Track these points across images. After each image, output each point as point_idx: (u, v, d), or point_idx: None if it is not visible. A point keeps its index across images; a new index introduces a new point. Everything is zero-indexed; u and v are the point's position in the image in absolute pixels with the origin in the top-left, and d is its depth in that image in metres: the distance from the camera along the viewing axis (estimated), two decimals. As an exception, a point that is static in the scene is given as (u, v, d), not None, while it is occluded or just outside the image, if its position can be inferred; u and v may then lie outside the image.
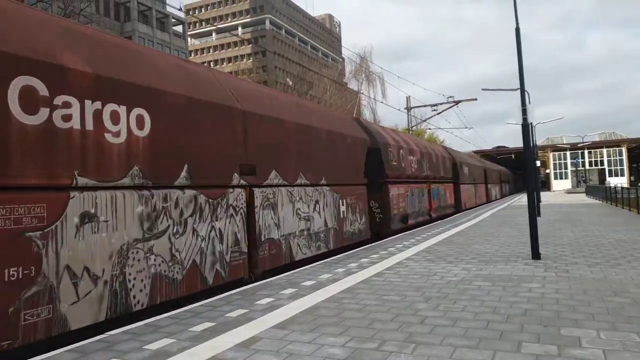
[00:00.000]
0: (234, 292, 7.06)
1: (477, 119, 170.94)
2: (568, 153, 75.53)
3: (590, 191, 42.94)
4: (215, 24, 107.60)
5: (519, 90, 10.22)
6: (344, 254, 10.67)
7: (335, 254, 10.74)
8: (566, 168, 76.64)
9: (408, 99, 40.07)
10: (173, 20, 70.55)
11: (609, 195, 29.14)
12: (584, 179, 71.79)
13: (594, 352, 4.00)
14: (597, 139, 76.30)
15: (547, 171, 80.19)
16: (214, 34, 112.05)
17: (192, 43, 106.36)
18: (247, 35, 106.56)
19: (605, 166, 74.09)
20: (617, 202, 25.61)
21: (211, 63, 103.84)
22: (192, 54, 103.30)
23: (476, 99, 38.34)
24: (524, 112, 9.72)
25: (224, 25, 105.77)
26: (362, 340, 4.57)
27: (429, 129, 60.09)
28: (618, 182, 55.10)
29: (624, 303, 5.57)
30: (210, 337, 4.86)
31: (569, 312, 5.25)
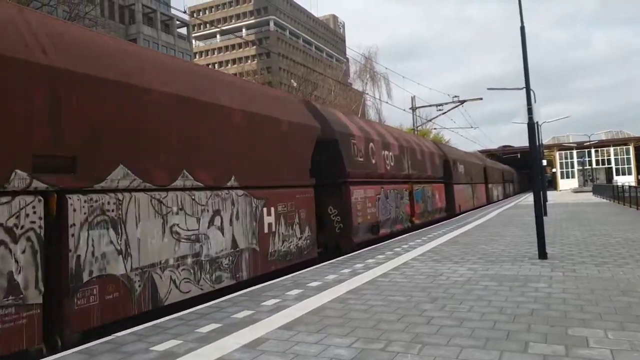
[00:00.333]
0: (239, 293, 7.07)
1: (482, 118, 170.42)
2: (575, 152, 75.15)
3: (598, 190, 42.72)
4: (220, 25, 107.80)
5: (524, 90, 10.19)
6: (348, 255, 10.67)
7: (255, 283, 7.87)
8: (573, 167, 76.27)
9: (413, 99, 40.07)
10: (177, 23, 70.73)
11: (616, 194, 28.99)
12: (590, 177, 71.43)
13: (601, 352, 3.99)
14: (603, 137, 75.84)
15: (554, 170, 79.85)
16: (218, 35, 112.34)
17: (196, 45, 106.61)
18: (251, 37, 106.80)
19: (613, 165, 73.68)
20: (625, 201, 25.48)
21: (216, 65, 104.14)
22: (197, 56, 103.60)
23: (481, 99, 38.21)
24: (530, 111, 9.69)
25: (228, 27, 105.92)
26: (368, 341, 4.57)
27: (434, 129, 60.04)
28: (625, 180, 54.83)
29: (632, 302, 5.54)
30: (216, 338, 4.87)
31: (577, 312, 5.23)
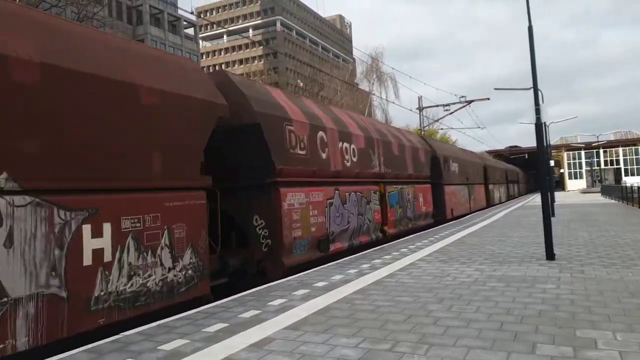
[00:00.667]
0: (246, 293, 7.08)
1: (489, 118, 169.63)
2: (583, 152, 74.77)
3: (606, 191, 42.44)
4: (227, 26, 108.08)
5: (532, 90, 10.15)
6: (355, 255, 10.66)
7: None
8: (581, 167, 75.89)
9: (420, 99, 39.96)
10: (185, 23, 71.04)
11: (625, 195, 28.76)
12: (599, 178, 71.00)
13: (610, 354, 3.96)
14: (612, 138, 75.42)
15: (562, 171, 79.45)
16: (225, 36, 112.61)
17: (203, 45, 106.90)
18: (258, 37, 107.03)
19: (621, 165, 73.23)
20: (634, 202, 25.29)
21: (223, 65, 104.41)
22: (204, 56, 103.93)
23: (489, 99, 38.08)
24: (537, 111, 9.64)
25: (235, 28, 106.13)
26: (375, 341, 4.56)
27: (441, 129, 59.95)
28: (634, 181, 54.37)
29: (640, 304, 5.50)
30: (223, 337, 4.88)
31: (585, 314, 5.20)
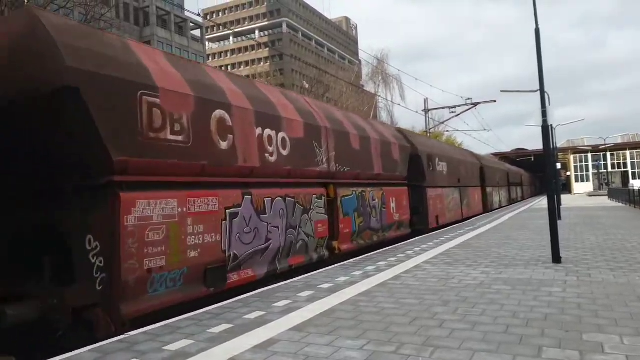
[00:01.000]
0: (251, 294, 7.09)
1: (496, 120, 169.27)
2: (589, 155, 74.44)
3: (613, 194, 42.20)
4: (233, 27, 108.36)
5: (538, 92, 10.10)
6: (359, 258, 10.65)
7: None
8: (588, 170, 75.55)
9: (426, 101, 39.94)
10: (191, 25, 71.23)
11: (632, 198, 28.56)
12: (606, 181, 70.63)
13: (617, 358, 3.93)
14: (619, 140, 75.14)
15: (568, 174, 79.15)
16: (231, 37, 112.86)
17: (210, 47, 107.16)
18: (264, 39, 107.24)
19: (629, 168, 72.81)
20: (641, 205, 25.14)
21: (229, 67, 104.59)
22: (210, 58, 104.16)
23: (495, 101, 38.12)
24: (544, 113, 9.60)
25: (241, 29, 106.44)
26: (379, 343, 4.55)
27: (447, 131, 59.82)
28: (641, 184, 54.08)
29: (647, 308, 5.46)
30: (228, 338, 4.88)
31: (591, 317, 5.16)
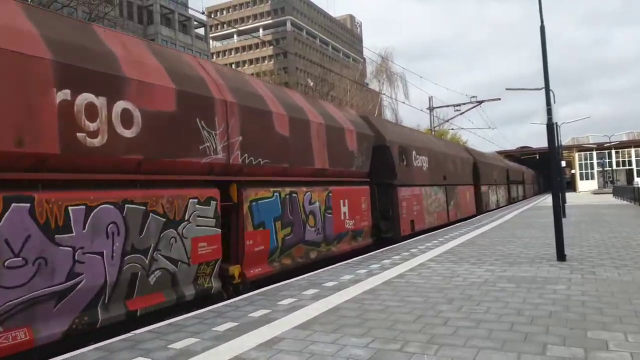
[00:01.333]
0: (256, 292, 7.11)
1: (500, 118, 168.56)
2: (594, 153, 74.18)
3: (618, 192, 42.04)
4: (237, 26, 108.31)
5: (543, 90, 10.08)
6: (364, 256, 10.66)
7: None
8: (592, 168, 75.29)
9: (430, 99, 39.92)
10: (195, 23, 71.25)
11: (637, 196, 28.50)
12: (611, 179, 70.37)
13: (621, 355, 3.93)
14: (624, 138, 74.67)
15: (573, 171, 78.87)
16: (235, 36, 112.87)
17: (214, 45, 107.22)
18: (268, 37, 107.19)
19: (634, 166, 72.51)
20: (646, 203, 25.06)
21: (233, 65, 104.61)
22: (214, 56, 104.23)
23: (500, 99, 37.85)
24: (549, 111, 9.57)
25: (245, 27, 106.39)
26: (384, 341, 4.56)
27: (452, 129, 59.71)
28: (646, 182, 53.86)
29: (652, 306, 5.45)
30: (233, 337, 4.90)
31: (596, 315, 5.16)
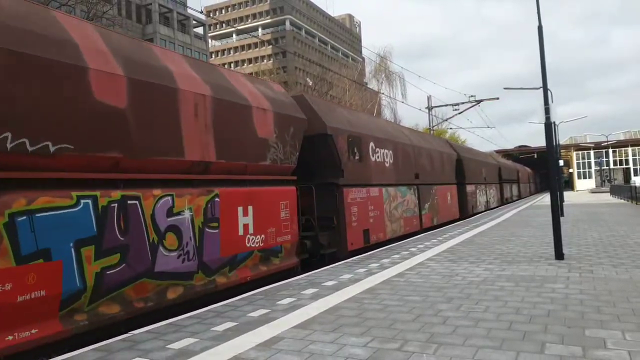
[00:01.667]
0: (255, 292, 7.11)
1: (499, 118, 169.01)
2: (592, 152, 74.28)
3: (615, 191, 42.13)
4: (236, 25, 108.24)
5: (541, 89, 10.09)
6: (363, 255, 10.67)
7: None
8: (590, 167, 75.37)
9: (429, 98, 39.91)
10: (194, 22, 71.21)
11: (634, 195, 28.57)
12: (608, 178, 70.47)
13: (619, 354, 3.95)
14: (621, 137, 74.77)
15: (571, 170, 78.98)
16: (234, 35, 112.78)
17: (212, 44, 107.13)
18: (267, 36, 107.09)
19: (631, 165, 72.62)
20: (643, 202, 25.11)
21: (232, 64, 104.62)
22: (213, 55, 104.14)
23: (498, 98, 37.91)
24: (547, 111, 9.59)
25: (244, 27, 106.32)
26: (383, 341, 4.58)
27: (451, 128, 59.73)
28: (644, 181, 53.93)
29: (650, 304, 5.47)
30: (232, 336, 4.91)
31: (594, 313, 5.18)
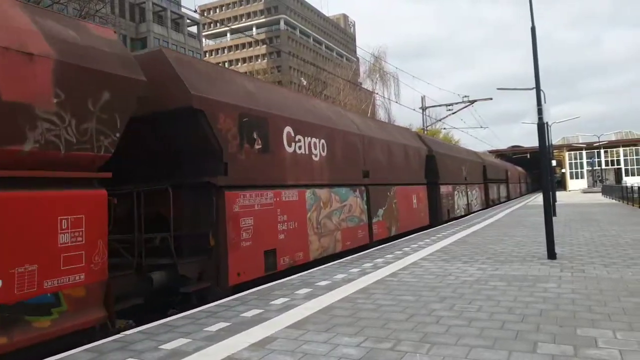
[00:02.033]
0: (248, 292, 7.11)
1: (492, 118, 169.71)
2: (584, 152, 74.73)
3: (607, 191, 42.44)
4: (230, 24, 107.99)
5: (534, 90, 10.14)
6: (357, 255, 10.68)
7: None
8: (582, 167, 75.83)
9: (423, 98, 40.05)
10: (188, 21, 70.93)
11: (625, 195, 28.77)
12: (600, 178, 70.89)
13: (610, 353, 3.97)
14: (613, 138, 75.29)
15: (563, 171, 79.41)
16: (228, 34, 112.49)
17: (206, 44, 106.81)
18: (261, 36, 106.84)
19: (622, 166, 73.15)
20: (634, 202, 25.27)
21: (226, 63, 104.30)
22: (207, 55, 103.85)
23: (491, 99, 38.06)
24: (540, 111, 9.63)
25: (238, 26, 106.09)
26: (377, 340, 4.58)
27: (444, 128, 59.89)
28: (635, 181, 54.23)
29: (641, 304, 5.51)
30: (225, 337, 4.90)
31: (585, 312, 5.21)
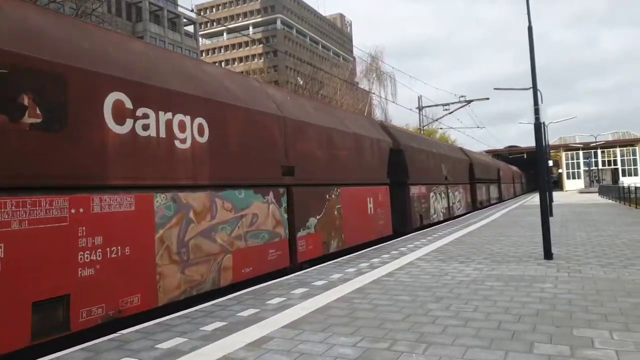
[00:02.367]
0: (244, 291, 7.09)
1: (489, 118, 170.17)
2: (581, 152, 74.91)
3: (603, 191, 42.53)
4: (226, 24, 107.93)
5: (531, 90, 10.15)
6: (353, 254, 10.68)
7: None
8: (579, 168, 76.02)
9: (420, 98, 40.10)
10: (184, 21, 70.85)
11: (622, 195, 28.83)
12: (597, 178, 71.09)
13: (606, 353, 3.98)
14: (610, 138, 75.47)
15: (560, 171, 79.62)
16: (225, 33, 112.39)
17: (203, 43, 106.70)
18: (258, 35, 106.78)
19: (619, 166, 73.33)
20: (631, 202, 25.34)
21: (222, 63, 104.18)
22: (204, 54, 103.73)
23: (488, 99, 38.17)
24: (537, 111, 9.64)
25: (235, 25, 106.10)
26: (373, 340, 4.58)
27: (441, 128, 59.92)
28: (632, 181, 54.39)
29: (637, 303, 5.52)
30: (221, 336, 4.89)
31: (582, 313, 5.22)
